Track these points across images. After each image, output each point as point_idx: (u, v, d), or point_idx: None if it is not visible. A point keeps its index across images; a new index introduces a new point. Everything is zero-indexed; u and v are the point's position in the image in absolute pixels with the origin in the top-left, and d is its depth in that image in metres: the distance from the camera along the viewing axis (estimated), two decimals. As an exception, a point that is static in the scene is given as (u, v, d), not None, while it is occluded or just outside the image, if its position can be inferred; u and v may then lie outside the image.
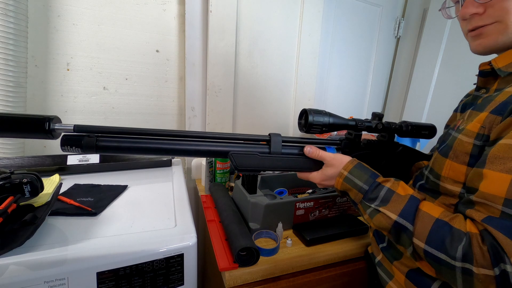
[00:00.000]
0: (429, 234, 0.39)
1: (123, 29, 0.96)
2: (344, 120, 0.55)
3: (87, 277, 0.46)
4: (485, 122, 0.41)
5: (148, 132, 0.46)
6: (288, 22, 1.18)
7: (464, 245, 0.35)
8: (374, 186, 0.46)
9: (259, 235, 0.70)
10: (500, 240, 0.33)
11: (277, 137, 0.54)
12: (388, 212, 0.43)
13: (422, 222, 0.40)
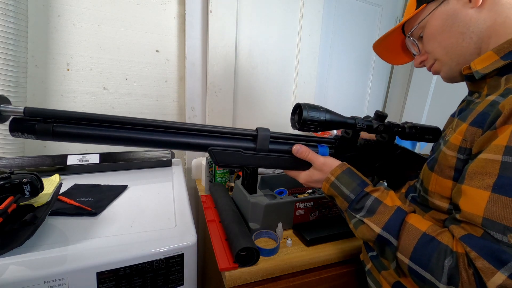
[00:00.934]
0: (414, 249, 0.37)
1: (123, 29, 0.96)
2: (342, 118, 0.50)
3: (87, 277, 0.46)
4: (466, 135, 0.39)
5: (117, 120, 0.40)
6: (288, 22, 1.18)
7: (450, 265, 0.33)
8: (361, 196, 0.44)
9: (259, 235, 0.70)
10: (475, 262, 0.32)
11: (265, 132, 0.49)
12: (372, 224, 0.42)
13: (408, 236, 0.39)
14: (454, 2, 0.44)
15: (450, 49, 0.46)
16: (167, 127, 0.43)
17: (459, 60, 0.46)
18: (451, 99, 1.19)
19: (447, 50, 0.47)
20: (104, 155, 0.88)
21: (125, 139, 0.41)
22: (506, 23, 0.41)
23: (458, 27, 0.44)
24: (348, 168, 0.48)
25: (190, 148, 0.46)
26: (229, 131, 0.47)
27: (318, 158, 0.50)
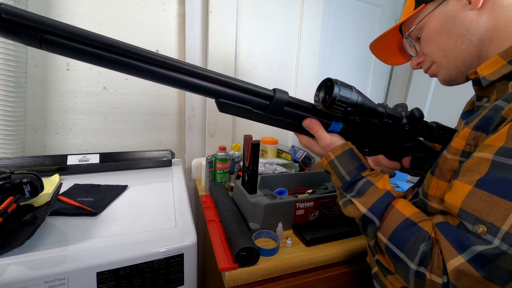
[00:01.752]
0: (394, 231, 0.40)
1: (123, 29, 0.96)
2: (373, 105, 0.46)
3: (87, 277, 0.46)
4: (469, 139, 0.39)
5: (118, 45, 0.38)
6: (288, 22, 1.18)
7: (425, 250, 0.35)
8: (356, 179, 0.46)
9: (259, 235, 0.70)
10: (442, 245, 0.34)
11: (282, 96, 0.45)
12: (359, 205, 0.44)
13: (391, 218, 0.41)
14: (453, 3, 0.43)
15: (448, 51, 0.45)
16: (176, 66, 0.41)
17: (457, 63, 0.45)
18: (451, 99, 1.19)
19: (446, 53, 0.46)
20: (104, 155, 0.89)
21: (126, 64, 0.39)
22: (509, 26, 0.40)
23: (457, 29, 0.43)
24: (350, 149, 0.48)
25: (196, 90, 0.42)
26: (245, 86, 0.44)
27: (325, 137, 0.48)
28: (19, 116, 0.81)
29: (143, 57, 0.39)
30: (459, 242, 0.32)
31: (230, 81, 0.43)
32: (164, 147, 1.12)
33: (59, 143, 0.97)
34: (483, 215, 0.32)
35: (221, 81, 0.42)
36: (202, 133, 1.14)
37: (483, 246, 0.31)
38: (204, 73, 0.41)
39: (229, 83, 0.43)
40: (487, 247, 0.30)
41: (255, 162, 0.72)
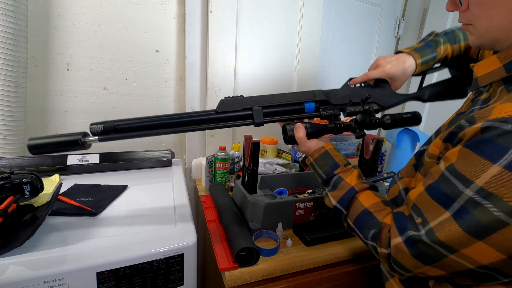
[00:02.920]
0: (356, 218, 0.50)
1: (123, 29, 0.96)
2: (324, 129, 0.59)
3: (87, 277, 0.46)
4: (441, 149, 0.43)
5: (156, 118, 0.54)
6: (288, 22, 1.18)
7: (375, 231, 0.45)
8: (330, 177, 0.55)
9: (259, 235, 0.70)
10: (391, 228, 0.43)
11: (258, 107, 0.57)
12: (331, 198, 0.54)
13: (354, 209, 0.50)
14: None
15: (496, 30, 0.39)
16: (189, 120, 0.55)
17: (495, 44, 0.41)
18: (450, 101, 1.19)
19: (491, 30, 0.40)
20: (104, 155, 0.88)
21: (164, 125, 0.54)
22: None
23: None
24: (325, 152, 0.56)
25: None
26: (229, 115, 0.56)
27: (305, 144, 0.58)
28: (19, 116, 0.81)
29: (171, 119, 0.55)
30: (402, 226, 0.41)
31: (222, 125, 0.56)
32: (164, 147, 1.12)
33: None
34: (424, 211, 0.39)
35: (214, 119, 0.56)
36: (202, 133, 1.14)
37: (413, 232, 0.39)
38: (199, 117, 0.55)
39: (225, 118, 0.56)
40: (415, 233, 0.39)
41: (255, 162, 0.72)
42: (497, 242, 0.32)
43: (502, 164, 0.31)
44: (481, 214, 0.32)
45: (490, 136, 0.33)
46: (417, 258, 0.38)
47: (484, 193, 0.32)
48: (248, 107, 0.56)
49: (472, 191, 0.33)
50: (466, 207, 0.34)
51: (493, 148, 0.32)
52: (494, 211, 0.32)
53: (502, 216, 0.31)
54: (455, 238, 0.34)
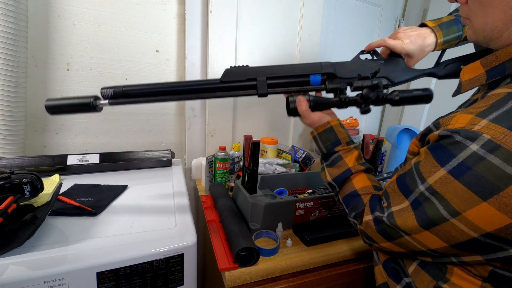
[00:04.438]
0: (345, 196, 0.55)
1: (123, 29, 0.96)
2: (328, 103, 0.59)
3: (87, 277, 0.46)
4: (418, 146, 0.46)
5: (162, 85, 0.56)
6: (288, 22, 1.18)
7: (358, 212, 0.51)
8: (330, 153, 0.57)
9: (259, 235, 0.70)
10: (365, 208, 0.49)
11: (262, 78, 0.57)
12: (327, 174, 0.58)
13: (345, 188, 0.55)
14: None
15: (489, 29, 0.39)
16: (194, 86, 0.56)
17: (489, 42, 0.41)
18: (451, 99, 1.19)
19: (485, 29, 0.40)
20: (104, 155, 0.88)
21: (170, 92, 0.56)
22: None
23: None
24: (330, 128, 0.58)
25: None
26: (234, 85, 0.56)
27: (309, 116, 0.59)
28: (19, 116, 0.81)
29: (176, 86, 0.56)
30: (373, 207, 0.48)
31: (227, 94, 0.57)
32: (164, 147, 1.12)
33: (59, 143, 0.97)
34: (390, 197, 0.45)
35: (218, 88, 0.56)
36: (202, 133, 1.14)
37: (378, 213, 0.45)
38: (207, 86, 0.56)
39: (229, 87, 0.56)
40: (380, 214, 0.45)
41: (255, 162, 0.72)
42: (439, 233, 0.37)
43: (447, 169, 0.35)
44: (428, 207, 0.37)
45: (444, 143, 0.37)
46: (381, 234, 0.45)
47: (431, 190, 0.37)
48: (252, 77, 0.56)
49: (424, 187, 0.38)
50: (419, 200, 0.39)
51: (444, 154, 0.36)
52: (438, 206, 0.36)
53: (443, 212, 0.36)
54: (408, 225, 0.40)
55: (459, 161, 0.34)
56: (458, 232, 0.35)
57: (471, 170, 0.33)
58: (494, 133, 0.32)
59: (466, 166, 0.33)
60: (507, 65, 0.38)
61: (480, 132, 0.33)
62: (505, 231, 0.32)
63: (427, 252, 0.41)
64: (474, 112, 0.35)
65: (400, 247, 0.44)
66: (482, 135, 0.33)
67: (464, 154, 0.34)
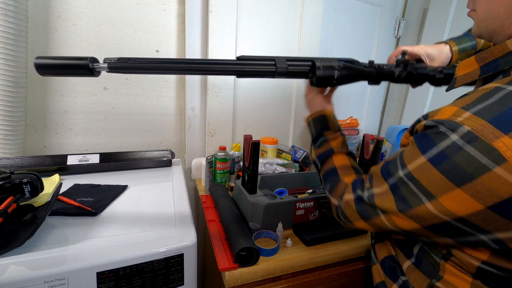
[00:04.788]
0: (325, 173, 0.59)
1: (123, 29, 0.96)
2: (360, 71, 0.57)
3: (87, 277, 0.46)
4: (409, 138, 0.46)
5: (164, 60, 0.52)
6: (288, 22, 1.18)
7: (333, 186, 0.55)
8: (319, 136, 0.62)
9: (259, 235, 0.70)
10: (347, 186, 0.52)
11: (282, 69, 0.55)
12: (313, 153, 0.63)
13: (326, 165, 0.59)
14: None
15: (492, 18, 0.40)
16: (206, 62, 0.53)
17: (491, 34, 0.42)
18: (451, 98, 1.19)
19: (488, 18, 0.41)
20: (104, 155, 0.89)
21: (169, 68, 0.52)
22: None
23: None
24: (322, 116, 0.63)
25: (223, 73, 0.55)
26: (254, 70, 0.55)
27: (307, 94, 0.68)
28: (19, 116, 0.81)
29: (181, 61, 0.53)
30: (355, 187, 0.50)
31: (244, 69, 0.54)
32: (164, 147, 1.12)
33: (59, 143, 0.97)
34: (373, 180, 0.47)
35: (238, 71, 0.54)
36: (202, 133, 1.14)
37: (360, 192, 0.48)
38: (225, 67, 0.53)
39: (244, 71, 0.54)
40: (361, 193, 0.48)
41: (255, 162, 0.72)
42: (414, 215, 0.39)
43: (427, 157, 0.37)
44: (406, 191, 0.40)
45: (429, 132, 0.38)
46: (359, 213, 0.48)
47: (410, 176, 0.39)
48: (269, 58, 0.55)
49: (403, 173, 0.40)
50: (397, 184, 0.41)
51: (427, 143, 0.38)
52: (415, 190, 0.38)
53: (420, 196, 0.38)
54: (386, 206, 0.43)
55: (439, 150, 0.35)
56: (432, 216, 0.37)
57: (449, 159, 0.34)
58: (474, 125, 0.33)
59: (445, 155, 0.35)
60: (500, 61, 0.39)
61: (462, 123, 0.34)
62: (476, 216, 0.34)
63: (400, 232, 0.44)
64: (460, 105, 0.36)
65: (373, 227, 0.47)
66: (462, 126, 0.34)
67: (445, 144, 0.35)
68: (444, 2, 1.26)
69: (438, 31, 1.29)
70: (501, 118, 0.32)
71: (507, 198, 0.31)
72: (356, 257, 0.72)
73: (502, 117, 0.32)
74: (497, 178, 0.31)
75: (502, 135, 0.31)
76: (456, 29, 1.22)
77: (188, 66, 0.52)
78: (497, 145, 0.31)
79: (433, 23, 1.32)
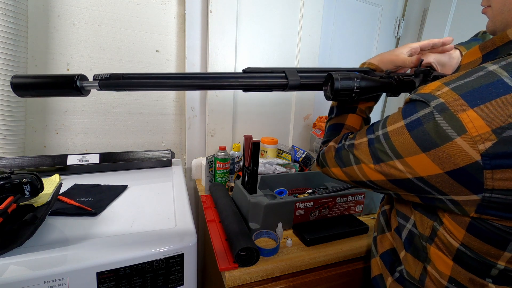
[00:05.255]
0: (333, 123, 0.62)
1: (123, 29, 0.96)
2: (378, 83, 0.53)
3: (87, 277, 0.46)
4: None
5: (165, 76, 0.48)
6: (288, 22, 1.18)
7: (329, 139, 0.59)
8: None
9: (259, 235, 0.70)
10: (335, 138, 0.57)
11: (294, 82, 0.51)
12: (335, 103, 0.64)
13: (339, 118, 0.61)
14: None
15: (507, 10, 0.41)
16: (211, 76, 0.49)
17: (505, 28, 0.42)
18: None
19: (503, 10, 0.41)
20: (104, 155, 0.89)
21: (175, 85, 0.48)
22: None
23: None
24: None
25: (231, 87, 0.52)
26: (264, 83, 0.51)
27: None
28: (19, 116, 0.81)
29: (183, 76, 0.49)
30: (341, 138, 0.55)
31: (253, 83, 0.50)
32: (164, 147, 1.12)
33: (59, 143, 0.97)
34: (357, 134, 0.51)
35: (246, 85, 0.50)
36: (202, 133, 1.14)
37: (343, 141, 0.53)
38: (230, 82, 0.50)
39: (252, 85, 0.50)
40: (344, 142, 0.53)
41: (255, 162, 0.72)
42: (383, 168, 0.44)
43: (405, 122, 0.40)
44: (379, 147, 0.44)
45: (414, 102, 0.41)
46: (335, 160, 0.53)
47: (386, 136, 0.43)
48: (279, 70, 0.51)
49: (381, 132, 0.45)
50: (374, 140, 0.46)
51: (409, 110, 0.41)
52: (386, 148, 0.43)
53: (389, 153, 0.42)
54: (361, 155, 0.48)
55: (415, 118, 0.39)
56: (397, 171, 0.42)
57: (422, 126, 0.38)
58: (447, 98, 0.36)
59: (420, 122, 0.38)
60: (500, 49, 0.40)
61: (438, 96, 0.37)
62: (435, 179, 0.38)
63: (367, 183, 0.49)
64: (444, 81, 0.39)
65: (346, 176, 0.52)
66: (438, 99, 0.37)
67: (422, 113, 0.38)
68: (444, 2, 1.26)
69: (438, 31, 1.29)
70: (473, 93, 0.34)
71: (463, 167, 0.35)
72: (356, 257, 0.72)
73: (474, 92, 0.35)
74: (456, 148, 0.34)
75: (468, 108, 0.34)
76: (456, 29, 1.22)
77: (191, 82, 0.48)
78: (461, 117, 0.34)
79: (433, 23, 1.32)
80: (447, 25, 1.25)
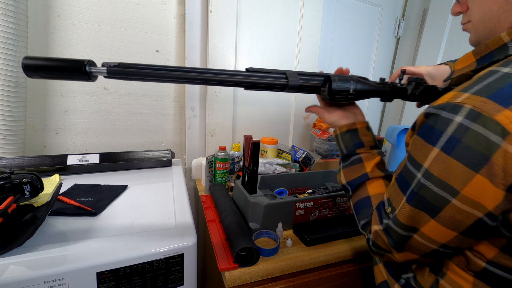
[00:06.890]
0: (357, 202, 0.53)
1: (123, 29, 0.96)
2: (373, 87, 0.53)
3: (87, 277, 0.46)
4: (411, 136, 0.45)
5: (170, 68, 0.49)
6: (288, 22, 1.18)
7: (367, 221, 0.49)
8: (351, 154, 0.55)
9: (259, 235, 0.70)
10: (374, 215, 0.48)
11: (294, 82, 0.53)
12: (343, 175, 0.56)
13: (359, 193, 0.53)
14: None
15: (487, 18, 0.42)
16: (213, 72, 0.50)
17: (489, 35, 0.42)
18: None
19: (484, 19, 0.42)
20: (104, 155, 0.89)
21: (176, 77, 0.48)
22: None
23: None
24: (355, 130, 0.55)
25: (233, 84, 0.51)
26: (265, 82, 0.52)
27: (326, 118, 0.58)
28: (19, 116, 0.81)
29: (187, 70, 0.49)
30: (380, 216, 0.46)
31: (254, 81, 0.51)
32: (164, 147, 1.12)
33: (59, 143, 0.97)
34: (392, 200, 0.43)
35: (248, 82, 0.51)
36: (202, 133, 1.14)
37: (386, 220, 0.44)
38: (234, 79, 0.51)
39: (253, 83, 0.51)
40: (386, 221, 0.43)
41: (255, 162, 0.72)
42: (445, 220, 0.35)
43: (439, 146, 0.35)
44: (427, 194, 0.36)
45: (431, 122, 0.37)
46: (392, 245, 0.43)
47: (427, 175, 0.36)
48: (280, 71, 0.53)
49: (421, 174, 0.37)
50: (414, 191, 0.38)
51: (433, 133, 0.36)
52: (435, 190, 0.35)
53: (442, 194, 0.35)
54: (411, 217, 0.39)
55: (448, 136, 0.34)
56: (463, 215, 0.34)
57: (460, 142, 0.33)
58: (474, 102, 0.32)
59: (455, 140, 0.33)
60: (495, 53, 0.40)
61: (462, 103, 0.33)
62: (502, 206, 0.31)
63: (441, 250, 0.39)
64: (459, 89, 0.36)
65: (413, 252, 0.42)
66: (464, 106, 0.33)
67: (452, 128, 0.34)
68: (444, 2, 1.27)
69: (438, 31, 1.29)
70: (500, 93, 0.32)
71: None
72: (356, 257, 0.72)
73: (500, 92, 0.32)
74: (506, 154, 0.30)
75: (502, 108, 0.31)
76: (456, 29, 1.22)
77: (195, 75, 0.48)
78: (498, 119, 0.31)
79: (433, 23, 1.32)
80: (447, 25, 1.25)
